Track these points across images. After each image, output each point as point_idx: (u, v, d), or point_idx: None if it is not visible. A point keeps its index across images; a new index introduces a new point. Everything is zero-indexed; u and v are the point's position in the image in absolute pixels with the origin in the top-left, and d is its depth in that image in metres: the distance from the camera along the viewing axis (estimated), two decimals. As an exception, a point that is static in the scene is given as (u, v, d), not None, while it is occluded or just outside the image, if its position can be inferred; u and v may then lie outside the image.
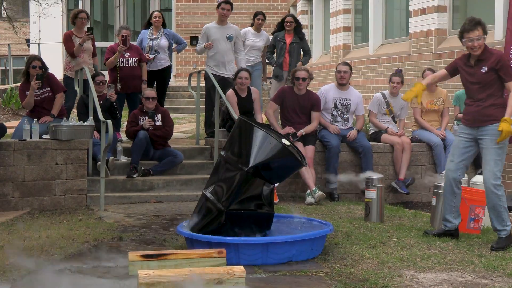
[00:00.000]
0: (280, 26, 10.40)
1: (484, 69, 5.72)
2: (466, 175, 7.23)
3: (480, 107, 5.75)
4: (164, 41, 9.90)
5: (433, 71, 8.79)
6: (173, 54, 20.32)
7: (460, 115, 8.97)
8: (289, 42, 10.19)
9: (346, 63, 8.72)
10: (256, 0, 19.97)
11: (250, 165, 5.22)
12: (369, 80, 12.48)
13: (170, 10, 21.05)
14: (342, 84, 8.52)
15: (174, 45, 10.32)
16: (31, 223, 6.67)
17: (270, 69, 10.87)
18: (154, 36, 9.86)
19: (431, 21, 10.41)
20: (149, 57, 9.67)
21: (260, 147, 5.24)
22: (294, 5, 18.60)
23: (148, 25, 10.06)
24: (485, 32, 5.73)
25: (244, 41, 9.81)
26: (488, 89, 5.73)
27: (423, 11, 10.64)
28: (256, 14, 10.28)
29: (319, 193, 7.83)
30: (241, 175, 5.25)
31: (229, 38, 9.20)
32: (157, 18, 9.92)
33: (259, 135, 5.29)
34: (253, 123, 5.43)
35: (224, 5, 9.19)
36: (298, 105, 8.25)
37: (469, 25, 5.72)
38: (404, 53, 11.22)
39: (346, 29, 14.04)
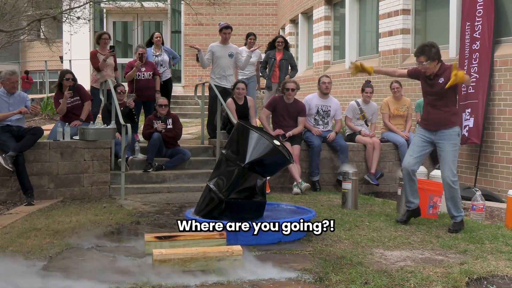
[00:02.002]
0: (271, 46, 10.41)
1: (441, 80, 5.65)
2: (425, 169, 7.26)
3: (439, 114, 5.70)
4: (165, 57, 9.99)
5: (399, 84, 8.83)
6: (183, 69, 20.47)
7: (421, 119, 9.03)
8: (279, 59, 10.20)
9: (327, 76, 8.72)
10: (251, 23, 20.05)
11: (246, 162, 5.21)
12: (346, 90, 12.50)
13: (180, 32, 21.06)
14: (326, 93, 8.52)
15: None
16: (63, 210, 6.67)
17: (263, 81, 10.86)
18: (157, 53, 9.91)
19: (397, 42, 10.43)
20: (160, 72, 9.70)
21: (255, 147, 5.24)
22: (283, 28, 18.61)
23: (149, 43, 10.10)
24: (429, 58, 5.61)
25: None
26: (445, 98, 5.68)
27: (390, 33, 10.66)
28: (248, 35, 10.29)
29: (304, 184, 7.84)
30: (238, 170, 5.24)
31: (230, 56, 9.20)
32: (158, 38, 10.01)
33: (254, 136, 5.28)
34: (249, 127, 5.42)
35: (225, 30, 9.17)
36: (287, 111, 8.25)
37: (416, 52, 5.71)
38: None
39: (326, 48, 14.07)
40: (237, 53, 9.30)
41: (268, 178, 6.55)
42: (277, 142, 5.42)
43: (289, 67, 10.41)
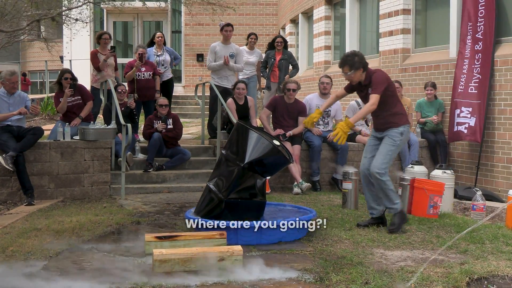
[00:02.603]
0: (271, 46, 10.41)
1: (370, 90, 5.66)
2: (426, 169, 7.25)
3: (381, 118, 5.69)
4: (167, 57, 9.98)
5: (400, 83, 8.82)
6: (183, 69, 20.47)
7: (422, 119, 9.03)
8: (278, 59, 10.20)
9: (327, 76, 8.72)
10: (252, 23, 20.05)
11: (246, 162, 5.21)
12: (346, 90, 12.47)
13: (180, 32, 21.05)
14: (324, 93, 8.53)
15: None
16: (64, 210, 6.67)
17: (264, 81, 10.86)
18: (159, 53, 9.91)
19: (398, 41, 10.43)
20: (161, 71, 9.70)
21: (254, 147, 5.23)
22: (283, 28, 18.60)
23: (151, 43, 10.09)
24: (353, 67, 5.60)
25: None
26: (381, 104, 5.58)
27: (391, 33, 10.65)
28: (249, 35, 10.28)
29: (305, 184, 7.84)
30: (238, 170, 5.24)
31: (231, 56, 9.21)
32: (160, 38, 10.00)
33: (253, 136, 5.28)
34: (248, 127, 5.42)
35: (226, 27, 9.23)
36: (287, 111, 8.25)
37: (339, 63, 5.73)
38: (374, 68, 11.21)
39: (327, 48, 14.06)
40: (237, 54, 9.31)
41: (268, 178, 6.56)
42: (276, 142, 5.42)
43: (290, 67, 10.40)
